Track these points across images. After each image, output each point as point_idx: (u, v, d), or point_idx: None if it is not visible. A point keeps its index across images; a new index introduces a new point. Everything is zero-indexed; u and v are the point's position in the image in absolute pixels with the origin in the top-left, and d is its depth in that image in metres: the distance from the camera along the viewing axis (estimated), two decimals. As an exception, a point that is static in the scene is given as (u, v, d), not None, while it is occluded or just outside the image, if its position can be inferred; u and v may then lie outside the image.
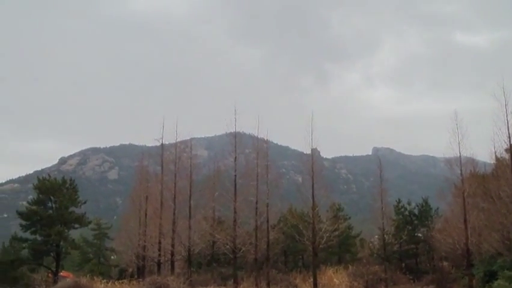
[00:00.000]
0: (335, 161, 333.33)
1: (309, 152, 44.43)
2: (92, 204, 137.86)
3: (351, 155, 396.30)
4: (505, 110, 35.30)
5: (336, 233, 45.56)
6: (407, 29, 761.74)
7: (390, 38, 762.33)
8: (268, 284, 43.30)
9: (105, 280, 50.98)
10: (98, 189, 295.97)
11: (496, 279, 40.66)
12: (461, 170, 38.99)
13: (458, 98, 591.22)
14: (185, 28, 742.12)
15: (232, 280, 44.91)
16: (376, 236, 58.07)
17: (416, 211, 59.97)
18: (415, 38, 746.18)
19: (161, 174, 49.99)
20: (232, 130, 45.83)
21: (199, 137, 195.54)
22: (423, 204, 60.18)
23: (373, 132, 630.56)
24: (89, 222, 64.90)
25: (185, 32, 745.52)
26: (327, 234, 42.65)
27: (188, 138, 51.88)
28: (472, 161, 42.86)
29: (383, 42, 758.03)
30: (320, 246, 43.34)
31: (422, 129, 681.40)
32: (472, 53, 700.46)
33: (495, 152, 39.79)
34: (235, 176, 45.10)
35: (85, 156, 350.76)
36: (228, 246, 44.50)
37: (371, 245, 60.34)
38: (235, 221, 44.28)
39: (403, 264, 54.90)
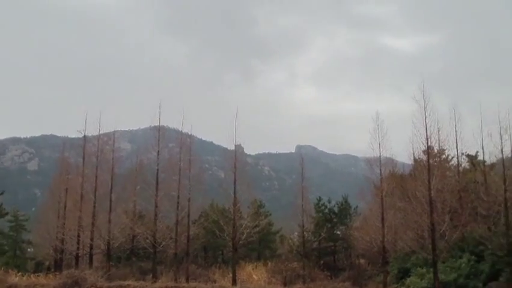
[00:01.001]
0: (258, 157, 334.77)
1: (232, 148, 44.56)
2: (10, 196, 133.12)
3: (275, 152, 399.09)
4: (424, 112, 36.40)
5: (257, 229, 45.97)
6: (336, 30, 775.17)
7: (318, 37, 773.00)
8: (187, 279, 43.13)
9: (20, 273, 49.37)
10: (17, 180, 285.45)
11: (409, 276, 42.15)
12: (380, 170, 40.02)
13: (381, 99, 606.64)
14: (110, 18, 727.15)
15: (151, 275, 44.48)
16: (296, 233, 58.80)
17: (336, 209, 60.97)
18: (343, 38, 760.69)
19: (83, 166, 49.11)
20: (157, 124, 45.61)
21: (122, 129, 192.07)
22: (343, 202, 61.30)
23: (297, 130, 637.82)
24: (6, 214, 62.80)
25: (110, 22, 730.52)
26: (248, 230, 42.93)
27: (112, 130, 51.26)
28: (391, 162, 44.05)
29: (311, 42, 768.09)
30: (240, 242, 43.58)
31: (345, 128, 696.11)
32: (397, 56, 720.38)
33: (413, 153, 41.02)
34: (158, 170, 44.85)
35: (3, 146, 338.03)
36: (148, 241, 44.15)
37: (290, 241, 60.90)
38: (156, 215, 44.01)
39: (321, 261, 55.73)
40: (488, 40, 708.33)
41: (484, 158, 41.75)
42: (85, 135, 48.93)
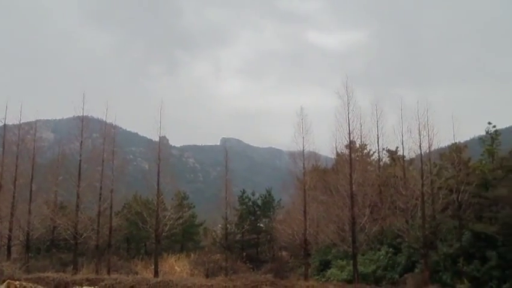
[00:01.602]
0: (183, 149, 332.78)
1: (157, 139, 44.09)
2: None
3: (200, 144, 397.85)
4: (347, 108, 37.17)
5: (180, 221, 45.78)
6: (263, 24, 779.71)
7: (246, 31, 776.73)
8: (108, 271, 42.48)
9: None
10: None
11: (330, 268, 43.06)
12: (303, 164, 40.44)
13: (307, 94, 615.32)
14: (31, 4, 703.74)
15: (72, 266, 43.57)
16: (219, 225, 58.82)
17: (259, 202, 61.50)
18: (271, 33, 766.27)
19: (2, 155, 47.49)
20: (80, 114, 44.58)
21: (45, 119, 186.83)
22: (267, 195, 61.90)
23: (223, 123, 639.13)
24: None
25: (31, 9, 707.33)
26: (171, 222, 42.63)
27: (34, 119, 49.89)
28: (314, 156, 44.64)
29: (238, 35, 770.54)
30: (163, 233, 43.21)
31: (271, 122, 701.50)
32: (323, 51, 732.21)
33: (336, 148, 41.91)
34: (80, 160, 43.92)
35: None
36: (69, 232, 43.20)
37: (214, 233, 60.99)
38: (78, 206, 43.14)
39: (244, 253, 56.07)
40: (408, 39, 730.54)
41: (403, 153, 42.99)
42: (5, 124, 47.30)
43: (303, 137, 40.39)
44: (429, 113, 38.45)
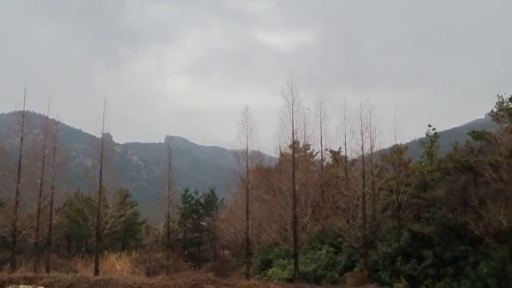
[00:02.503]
0: (127, 147, 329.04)
1: (100, 136, 43.34)
2: None
3: (144, 142, 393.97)
4: (291, 108, 37.31)
5: (122, 218, 45.04)
6: (211, 22, 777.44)
7: (193, 29, 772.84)
8: (47, 269, 41.51)
9: None
10: None
11: (271, 267, 43.25)
12: (247, 163, 40.43)
13: (252, 93, 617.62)
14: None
15: (10, 264, 42.40)
16: (162, 224, 58.40)
17: (202, 200, 61.40)
18: (219, 31, 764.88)
19: None
20: (21, 109, 43.34)
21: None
22: (210, 194, 61.86)
23: (168, 121, 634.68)
24: None
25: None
26: (113, 220, 41.96)
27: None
28: (258, 155, 44.71)
29: (185, 33, 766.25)
30: (105, 231, 42.46)
31: (216, 121, 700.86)
32: (270, 51, 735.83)
33: (280, 148, 42.08)
34: (21, 156, 42.71)
35: None
36: (7, 229, 41.94)
37: (156, 232, 60.55)
38: (17, 202, 41.85)
39: (186, 252, 55.79)
40: (352, 42, 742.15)
41: (346, 154, 43.65)
42: None
43: (247, 136, 40.29)
44: (371, 115, 39.15)
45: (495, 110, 36.49)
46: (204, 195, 62.29)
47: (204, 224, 60.60)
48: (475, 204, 33.94)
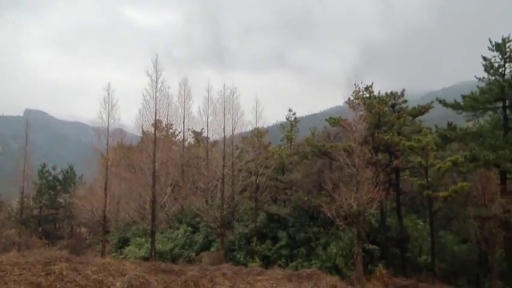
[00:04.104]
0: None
1: None
2: None
3: (1, 114, 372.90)
4: (155, 86, 36.89)
5: (-27, 193, 42.88)
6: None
7: (59, 2, 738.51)
8: None
9: None
10: None
11: (128, 245, 42.97)
12: (107, 140, 39.62)
13: (117, 69, 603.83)
14: None
15: None
16: (16, 199, 55.97)
17: (60, 177, 59.53)
18: (87, 6, 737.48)
19: None
20: None
21: None
22: (69, 170, 60.10)
23: (27, 94, 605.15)
24: None
25: None
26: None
27: None
28: (120, 132, 43.95)
29: (49, 5, 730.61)
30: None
31: (79, 96, 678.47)
32: (138, 28, 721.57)
33: (142, 126, 41.57)
34: None
35: None
36: None
37: (9, 208, 57.91)
38: None
39: (41, 229, 53.93)
40: (218, 25, 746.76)
41: (208, 135, 44.05)
42: None
43: (109, 113, 39.48)
44: (234, 97, 39.79)
45: (352, 98, 38.21)
46: (62, 172, 60.39)
47: (61, 200, 58.83)
48: (328, 188, 35.26)
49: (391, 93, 41.12)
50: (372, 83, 41.07)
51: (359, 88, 39.63)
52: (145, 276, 25.36)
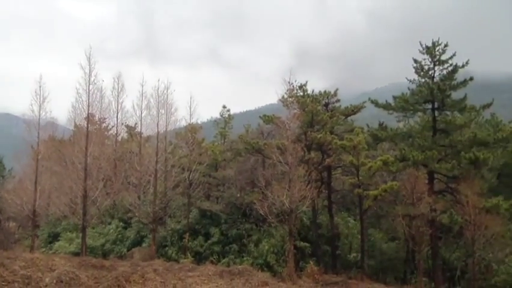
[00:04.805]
0: None
1: None
2: None
3: None
4: (88, 79, 36.28)
5: None
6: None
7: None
8: None
9: None
10: None
11: (59, 240, 42.20)
12: (38, 133, 38.73)
13: (51, 61, 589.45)
14: None
15: None
16: None
17: (-12, 169, 57.94)
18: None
19: None
20: None
21: None
22: (-2, 163, 58.55)
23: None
24: None
25: None
26: None
27: None
28: (52, 125, 43.09)
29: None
30: None
31: (10, 87, 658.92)
32: (73, 20, 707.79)
33: (75, 119, 40.85)
34: None
35: None
36: None
37: None
38: None
39: (-35, 224, 52.31)
40: (151, 18, 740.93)
41: (141, 129, 43.68)
42: None
43: (40, 105, 38.60)
44: (168, 92, 39.68)
45: (285, 96, 38.49)
46: (-9, 165, 58.75)
47: (-12, 195, 57.10)
48: (261, 185, 35.68)
49: (324, 92, 41.84)
50: (306, 82, 41.71)
51: (293, 86, 40.03)
52: (75, 271, 25.11)
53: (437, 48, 35.97)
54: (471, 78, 36.10)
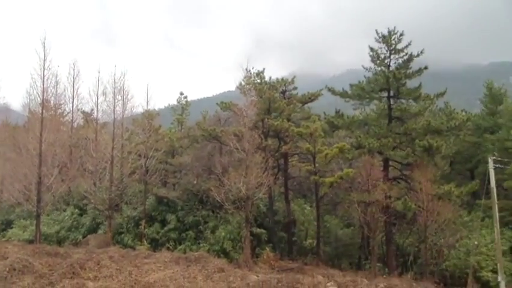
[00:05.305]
0: None
1: None
2: None
3: None
4: (43, 64, 35.62)
5: None
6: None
7: None
8: None
9: None
10: None
11: (12, 227, 41.55)
12: (-11, 119, 38.05)
13: (3, 46, 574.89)
14: None
15: None
16: None
17: None
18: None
19: None
20: None
21: None
22: (-52, 149, 57.14)
23: None
24: None
25: None
26: None
27: None
28: (6, 111, 42.41)
29: None
30: None
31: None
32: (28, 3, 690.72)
33: (29, 105, 40.16)
34: None
35: None
36: None
37: None
38: None
39: None
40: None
41: (97, 116, 43.21)
42: None
43: (-7, 91, 37.92)
44: (125, 79, 39.29)
45: (243, 83, 38.53)
46: None
47: None
48: (218, 172, 35.75)
49: (282, 79, 42.06)
50: (264, 69, 41.93)
51: (250, 73, 40.11)
52: (28, 259, 24.79)
53: (393, 37, 36.47)
54: (425, 67, 36.75)
